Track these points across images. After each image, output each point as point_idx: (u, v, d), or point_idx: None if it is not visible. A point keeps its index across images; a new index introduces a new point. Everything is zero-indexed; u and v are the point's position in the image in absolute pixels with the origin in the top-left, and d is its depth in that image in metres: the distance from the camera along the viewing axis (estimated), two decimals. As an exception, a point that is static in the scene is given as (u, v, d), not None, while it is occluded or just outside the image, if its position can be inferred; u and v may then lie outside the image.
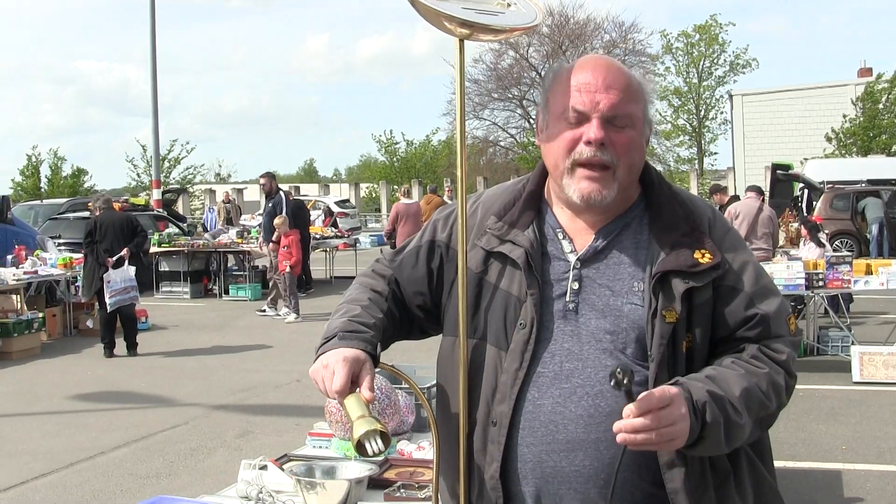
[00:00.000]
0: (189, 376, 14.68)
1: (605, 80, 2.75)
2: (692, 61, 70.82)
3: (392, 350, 2.98)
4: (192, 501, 4.16)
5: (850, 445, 10.26)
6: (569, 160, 2.77)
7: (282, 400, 12.89)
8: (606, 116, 2.73)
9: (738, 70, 70.59)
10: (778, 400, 2.76)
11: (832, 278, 14.19)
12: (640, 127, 2.81)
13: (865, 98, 51.96)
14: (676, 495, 2.67)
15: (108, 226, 16.69)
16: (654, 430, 2.45)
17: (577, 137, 2.75)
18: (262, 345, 17.49)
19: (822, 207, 30.66)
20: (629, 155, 2.76)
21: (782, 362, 2.78)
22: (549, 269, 2.83)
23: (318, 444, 5.26)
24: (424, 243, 3.08)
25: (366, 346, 2.77)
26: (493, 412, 2.78)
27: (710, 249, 2.76)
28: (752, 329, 2.78)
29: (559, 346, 2.76)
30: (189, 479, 9.32)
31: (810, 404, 12.06)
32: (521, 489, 2.78)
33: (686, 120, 72.08)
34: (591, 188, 2.75)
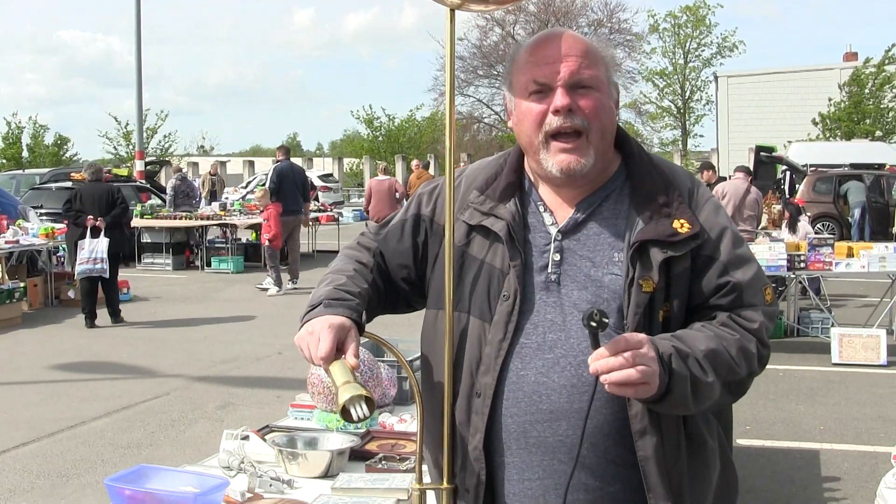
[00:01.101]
0: (170, 348, 14.68)
1: (562, 49, 2.76)
2: (678, 42, 70.73)
3: (375, 324, 2.99)
4: (173, 470, 4.15)
5: (829, 426, 10.33)
6: (541, 134, 2.77)
7: (263, 372, 12.90)
8: (570, 83, 2.74)
9: (726, 53, 70.56)
10: (749, 366, 2.76)
11: (814, 260, 14.28)
12: (605, 89, 2.81)
13: (851, 83, 52.03)
14: (647, 463, 2.69)
15: (89, 196, 16.69)
16: (630, 367, 2.45)
17: (545, 109, 2.75)
18: (244, 317, 17.50)
19: (805, 190, 30.77)
20: (599, 117, 2.76)
21: (754, 330, 2.77)
22: (530, 242, 2.84)
23: (300, 416, 5.28)
24: (409, 217, 3.09)
25: (351, 313, 2.78)
26: (478, 383, 2.79)
27: (689, 219, 2.76)
28: (725, 297, 2.78)
29: (542, 317, 2.77)
30: (170, 449, 9.33)
31: (789, 385, 12.13)
32: (504, 459, 2.80)
33: (671, 101, 72.03)
34: (568, 159, 2.75)
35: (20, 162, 58.63)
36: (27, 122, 62.88)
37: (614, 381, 2.46)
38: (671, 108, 71.80)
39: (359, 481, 4.08)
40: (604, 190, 2.87)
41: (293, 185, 21.19)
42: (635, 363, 2.46)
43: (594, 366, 2.47)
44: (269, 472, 4.22)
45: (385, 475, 4.19)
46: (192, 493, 3.69)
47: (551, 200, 2.89)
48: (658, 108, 70.82)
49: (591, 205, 2.85)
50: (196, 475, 3.99)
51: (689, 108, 71.79)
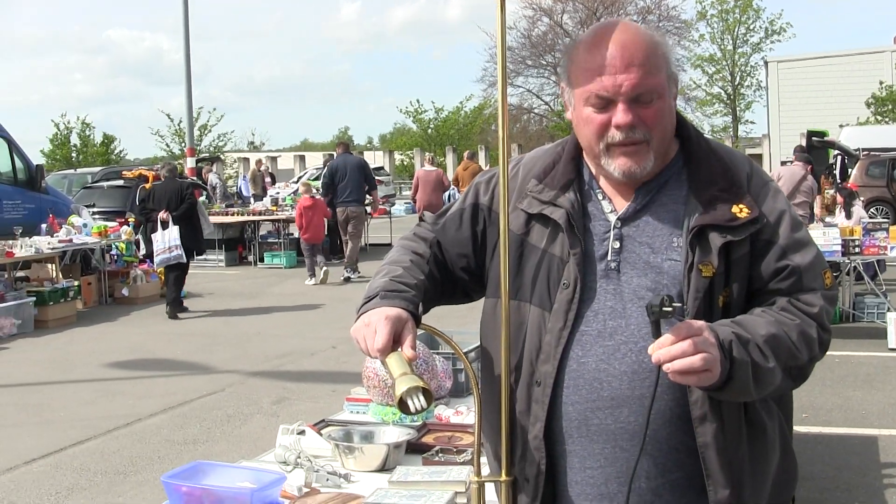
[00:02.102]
0: (224, 343, 14.76)
1: (624, 59, 2.70)
2: (727, 28, 70.32)
3: (428, 317, 2.98)
4: (230, 466, 4.16)
5: (887, 411, 10.24)
6: (602, 143, 2.75)
7: (317, 367, 12.94)
8: (631, 97, 2.70)
9: (773, 36, 70.06)
10: (810, 352, 2.73)
11: (868, 245, 14.17)
12: (667, 92, 2.77)
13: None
14: (707, 449, 2.67)
15: (162, 193, 17.68)
16: (692, 356, 2.43)
17: (607, 122, 2.72)
18: (298, 312, 17.58)
19: (858, 174, 30.51)
20: (661, 126, 2.74)
21: (814, 315, 2.75)
22: (590, 229, 2.82)
23: (355, 410, 5.27)
24: (468, 206, 3.08)
25: (407, 305, 2.78)
26: (538, 372, 2.78)
27: (747, 204, 2.74)
28: (784, 281, 2.75)
29: (602, 304, 2.75)
30: (226, 445, 9.38)
31: (846, 371, 12.04)
32: (565, 448, 2.79)
33: (721, 87, 71.65)
34: (629, 163, 2.73)
35: (71, 162, 59.06)
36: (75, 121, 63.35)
37: (677, 369, 2.44)
38: (721, 94, 71.43)
39: (416, 474, 4.07)
40: (662, 176, 2.85)
41: (346, 177, 21.42)
42: (697, 351, 2.44)
43: (656, 354, 2.46)
44: (326, 466, 4.22)
45: (442, 468, 4.17)
46: (248, 489, 3.69)
47: (610, 188, 2.88)
48: (707, 95, 70.45)
49: (650, 191, 2.83)
50: (252, 471, 4.00)
51: (740, 94, 71.41)
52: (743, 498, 2.72)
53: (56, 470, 8.80)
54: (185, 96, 38.36)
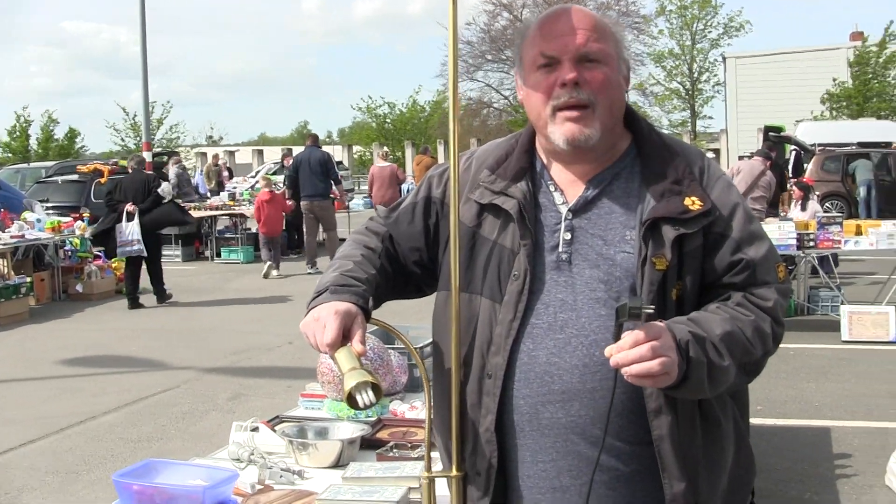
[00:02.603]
0: (181, 340, 14.69)
1: (571, 23, 2.76)
2: (685, 24, 70.52)
3: (385, 311, 2.97)
4: (182, 464, 4.14)
5: (840, 403, 10.34)
6: (548, 107, 2.76)
7: (274, 362, 12.90)
8: (577, 56, 2.73)
9: (732, 33, 70.36)
10: (763, 347, 2.75)
11: (823, 239, 14.27)
12: (614, 64, 2.80)
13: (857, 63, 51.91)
14: (662, 443, 2.67)
15: (129, 185, 17.94)
16: (651, 360, 2.43)
17: (553, 82, 2.75)
18: (254, 307, 17.55)
19: (814, 169, 30.71)
20: (606, 92, 2.75)
21: (768, 309, 2.76)
22: (541, 220, 2.83)
23: (310, 406, 5.26)
24: (420, 199, 3.07)
25: (357, 299, 2.77)
26: (488, 364, 2.78)
27: (700, 196, 2.74)
28: (738, 275, 2.76)
29: (553, 296, 2.75)
30: (181, 442, 9.33)
31: (800, 363, 12.14)
32: (516, 442, 2.78)
33: (679, 82, 71.89)
34: (573, 129, 2.73)
35: (27, 155, 58.61)
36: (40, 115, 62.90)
37: (635, 373, 2.45)
38: (679, 89, 71.67)
39: (369, 470, 4.06)
40: (614, 167, 2.85)
41: (309, 171, 21.52)
42: (656, 355, 2.45)
43: (615, 358, 2.45)
44: (280, 463, 4.21)
45: (396, 463, 4.16)
46: (201, 487, 3.67)
47: (562, 179, 2.88)
48: (666, 90, 70.68)
49: (602, 182, 2.83)
50: (205, 468, 3.98)
51: (698, 89, 71.66)
52: (698, 491, 2.72)
53: (6, 470, 8.73)
54: (142, 90, 38.09)
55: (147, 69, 37.14)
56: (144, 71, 37.20)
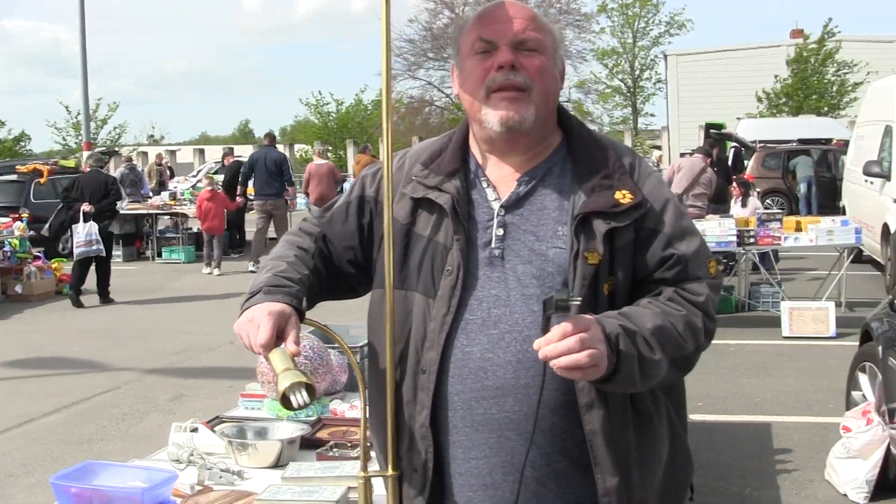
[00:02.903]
0: (122, 340, 14.58)
1: (509, 12, 2.80)
2: (627, 21, 70.88)
3: (328, 310, 2.97)
4: (121, 465, 4.13)
5: (780, 398, 10.44)
6: (483, 90, 2.78)
7: (215, 362, 12.84)
8: (514, 42, 2.76)
9: (674, 31, 70.77)
10: (695, 341, 2.76)
11: (763, 235, 14.38)
12: (551, 56, 2.83)
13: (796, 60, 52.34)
14: (594, 437, 2.69)
15: (87, 184, 18.08)
16: (579, 352, 2.44)
17: (490, 66, 2.77)
18: (196, 307, 17.47)
19: (755, 166, 30.97)
20: (542, 79, 2.78)
21: (700, 304, 2.78)
22: (474, 217, 2.84)
23: (250, 406, 5.25)
24: (354, 199, 3.08)
25: (291, 300, 2.76)
26: (423, 360, 2.78)
27: (630, 189, 2.77)
28: (670, 270, 2.78)
29: (486, 292, 2.76)
30: (121, 444, 9.27)
31: (741, 359, 12.26)
32: (450, 438, 2.79)
33: (621, 80, 72.24)
34: (509, 110, 2.75)
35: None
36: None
37: (563, 365, 2.44)
38: (621, 87, 72.02)
39: (308, 470, 4.06)
40: (545, 163, 2.87)
41: (265, 170, 21.87)
42: (584, 347, 2.45)
43: (543, 351, 2.45)
44: (219, 463, 4.20)
45: (335, 463, 4.17)
46: (139, 489, 3.66)
47: (494, 175, 2.89)
48: (608, 88, 70.97)
49: (534, 178, 2.85)
50: (145, 469, 3.98)
51: (639, 86, 72.05)
52: (631, 485, 2.74)
53: (-55, 472, 8.63)
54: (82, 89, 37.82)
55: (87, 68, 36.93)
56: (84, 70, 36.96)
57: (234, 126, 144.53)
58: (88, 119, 40.60)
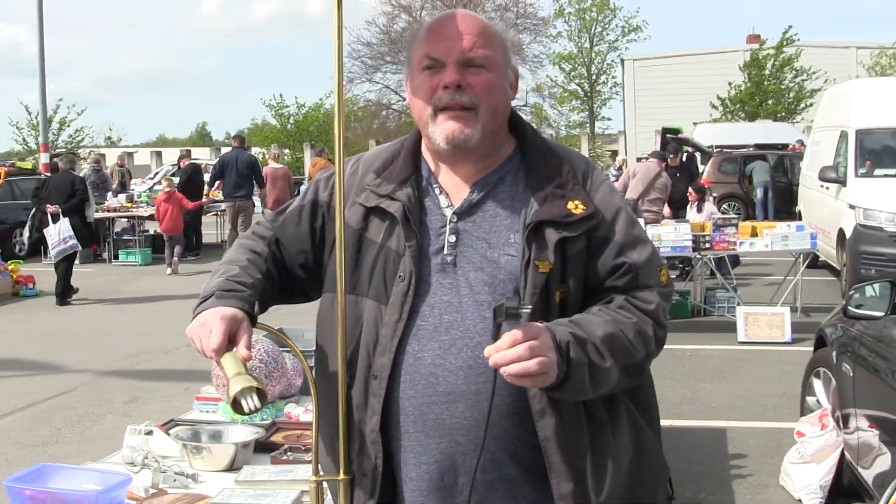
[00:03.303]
0: (78, 342, 14.50)
1: (458, 27, 2.79)
2: (584, 26, 71.05)
3: (284, 313, 2.98)
4: (76, 468, 4.12)
5: (735, 403, 10.49)
6: (431, 107, 2.80)
7: (171, 365, 12.79)
8: (461, 60, 2.77)
9: (629, 34, 71.00)
10: (646, 349, 2.78)
11: (718, 240, 14.45)
12: (499, 70, 2.83)
13: (751, 65, 52.67)
14: (548, 443, 2.70)
15: (55, 185, 18.75)
16: (529, 360, 2.46)
17: (436, 84, 2.78)
18: (153, 309, 17.36)
19: (711, 171, 31.16)
20: (489, 96, 2.79)
21: (650, 312, 2.80)
22: (426, 223, 2.85)
23: (205, 409, 5.25)
24: (307, 203, 3.08)
25: (243, 304, 2.77)
26: (374, 365, 2.79)
27: (583, 200, 2.78)
28: (621, 278, 2.80)
29: (438, 298, 2.78)
30: (77, 446, 9.23)
31: (696, 364, 12.31)
32: (401, 443, 2.80)
33: (578, 84, 72.40)
34: (453, 128, 2.76)
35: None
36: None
37: (513, 372, 2.47)
38: (578, 91, 72.19)
39: (262, 473, 4.08)
40: (498, 171, 2.89)
41: (236, 173, 22.49)
42: (533, 355, 2.47)
43: (493, 358, 2.47)
44: (174, 466, 4.21)
45: (289, 466, 4.18)
46: (94, 491, 3.66)
47: (447, 183, 2.91)
48: (565, 92, 71.11)
49: (486, 186, 2.86)
50: (99, 472, 3.97)
51: (596, 91, 72.26)
52: (586, 491, 2.75)
53: None
54: (39, 90, 37.57)
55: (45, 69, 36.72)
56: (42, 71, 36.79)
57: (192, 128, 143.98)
58: (46, 120, 40.33)
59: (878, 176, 17.13)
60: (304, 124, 67.83)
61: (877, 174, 17.17)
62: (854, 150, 17.31)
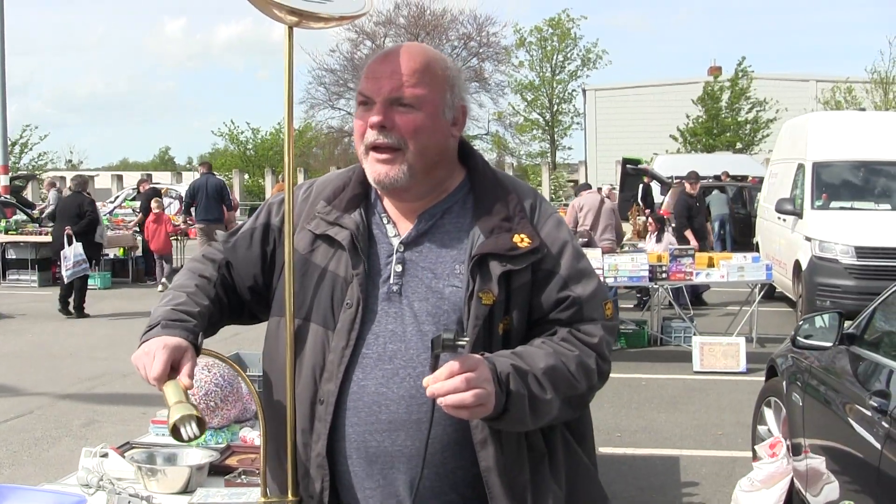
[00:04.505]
0: (35, 365, 14.44)
1: (393, 66, 2.81)
2: (545, 55, 71.31)
3: (243, 339, 3.02)
4: (31, 489, 4.14)
5: (689, 432, 10.57)
6: (363, 146, 2.85)
7: (129, 389, 12.72)
8: (389, 99, 2.79)
9: (590, 63, 71.27)
10: (588, 381, 2.81)
11: (675, 270, 14.55)
12: (432, 109, 2.84)
13: (705, 97, 53.00)
14: (489, 474, 2.74)
15: (64, 207, 20.38)
16: (465, 392, 2.49)
17: (366, 122, 2.82)
18: (112, 333, 17.27)
19: (671, 202, 31.28)
20: (416, 137, 2.81)
21: (594, 345, 2.84)
22: (374, 252, 2.88)
23: (161, 432, 5.25)
24: (259, 226, 3.12)
25: (188, 335, 2.79)
26: (321, 390, 2.82)
27: (529, 234, 2.82)
28: (565, 311, 2.84)
29: (383, 327, 2.81)
30: (33, 468, 9.21)
31: (652, 393, 12.37)
32: (347, 468, 2.83)
33: (539, 113, 72.60)
34: (379, 170, 2.81)
35: None
36: None
37: (449, 403, 2.50)
38: (539, 120, 72.38)
39: (216, 496, 4.10)
40: (444, 203, 2.93)
41: (206, 197, 23.58)
42: (469, 387, 2.50)
43: (430, 389, 2.51)
44: (129, 489, 4.21)
45: (242, 489, 4.21)
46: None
47: (395, 212, 2.95)
48: (526, 121, 71.29)
49: (433, 216, 2.91)
50: (54, 493, 3.99)
51: (557, 120, 72.47)
52: None
53: None
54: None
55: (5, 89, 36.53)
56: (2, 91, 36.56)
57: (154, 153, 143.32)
58: (6, 142, 40.12)
59: (834, 208, 17.30)
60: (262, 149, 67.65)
61: (833, 206, 17.35)
62: (811, 182, 17.49)
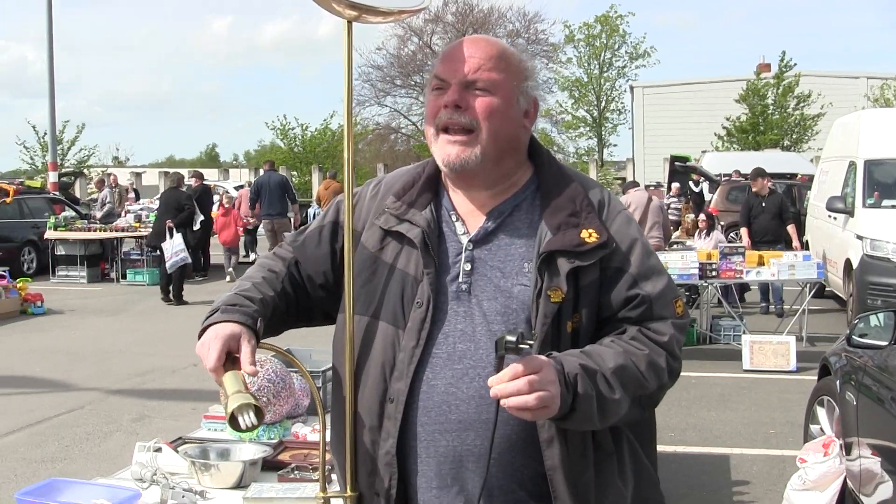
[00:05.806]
0: (85, 361, 14.54)
1: (470, 50, 2.82)
2: (593, 52, 71.19)
3: (293, 335, 3.01)
4: (85, 483, 4.16)
5: (739, 431, 10.49)
6: (433, 127, 2.84)
7: (178, 384, 12.82)
8: (464, 82, 2.79)
9: (637, 60, 71.07)
10: (658, 381, 2.79)
11: (725, 269, 14.47)
12: (506, 95, 2.84)
13: (749, 94, 52.57)
14: (554, 473, 2.72)
15: (164, 202, 22.07)
16: (528, 394, 2.46)
17: (440, 104, 2.81)
18: (160, 329, 17.39)
19: (719, 200, 31.09)
20: (490, 119, 2.80)
21: (664, 343, 2.81)
22: (443, 250, 2.86)
23: (213, 427, 5.28)
24: (327, 224, 3.11)
25: (245, 318, 2.80)
26: (391, 389, 2.81)
27: (597, 229, 2.79)
28: (634, 309, 2.81)
29: (452, 326, 2.79)
30: (84, 463, 9.26)
31: (701, 391, 12.30)
32: (416, 467, 2.81)
33: (587, 111, 72.46)
34: (450, 152, 2.80)
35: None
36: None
37: (512, 405, 2.48)
38: (587, 117, 72.24)
39: (270, 491, 4.11)
40: (514, 199, 2.91)
41: (269, 192, 25.06)
42: (532, 389, 2.48)
43: (494, 390, 2.48)
44: (182, 483, 4.23)
45: (296, 484, 4.21)
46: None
47: (463, 209, 2.93)
48: (574, 118, 71.17)
49: (502, 214, 2.88)
50: (108, 487, 4.01)
51: (605, 117, 72.30)
52: None
53: None
54: (48, 109, 37.69)
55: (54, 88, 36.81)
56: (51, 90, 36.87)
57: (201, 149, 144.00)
58: (55, 139, 40.46)
59: (886, 206, 17.11)
60: (310, 146, 67.53)
61: (885, 205, 17.16)
62: (862, 180, 17.30)
